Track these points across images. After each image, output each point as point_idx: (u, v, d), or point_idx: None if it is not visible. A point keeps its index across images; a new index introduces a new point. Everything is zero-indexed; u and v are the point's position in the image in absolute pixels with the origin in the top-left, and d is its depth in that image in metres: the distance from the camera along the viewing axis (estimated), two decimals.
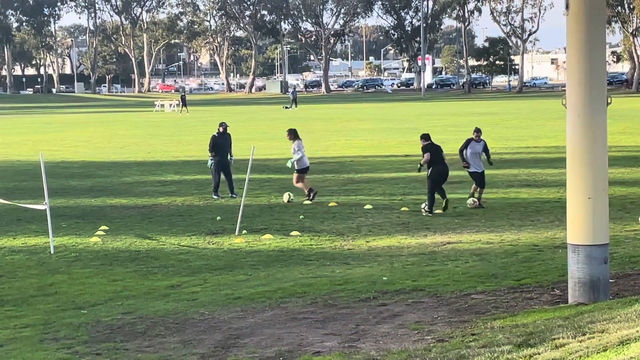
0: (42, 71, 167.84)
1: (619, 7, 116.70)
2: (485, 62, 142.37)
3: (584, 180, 11.37)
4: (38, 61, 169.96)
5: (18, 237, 18.77)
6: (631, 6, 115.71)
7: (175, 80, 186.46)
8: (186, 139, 45.85)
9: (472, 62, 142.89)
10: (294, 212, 21.35)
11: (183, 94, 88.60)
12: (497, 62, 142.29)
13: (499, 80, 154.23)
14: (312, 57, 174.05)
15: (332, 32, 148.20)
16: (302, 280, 14.02)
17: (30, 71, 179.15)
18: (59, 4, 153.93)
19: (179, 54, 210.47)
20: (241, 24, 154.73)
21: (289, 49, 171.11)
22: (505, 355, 8.24)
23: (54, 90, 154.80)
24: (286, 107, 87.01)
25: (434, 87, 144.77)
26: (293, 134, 23.41)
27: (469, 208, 21.01)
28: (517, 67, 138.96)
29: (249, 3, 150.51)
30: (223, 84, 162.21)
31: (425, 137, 21.09)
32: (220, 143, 23.97)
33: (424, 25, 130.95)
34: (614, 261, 13.62)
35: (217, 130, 24.26)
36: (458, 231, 18.23)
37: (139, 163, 34.15)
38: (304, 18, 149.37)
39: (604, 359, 6.85)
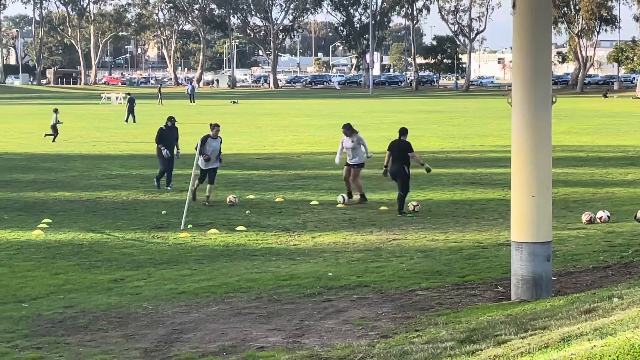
0: None
1: (565, 8, 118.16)
2: (433, 61, 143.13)
3: (528, 178, 11.48)
4: None
5: None
6: (577, 7, 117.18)
7: (122, 73, 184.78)
8: (132, 132, 45.46)
9: (420, 60, 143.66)
10: (239, 207, 21.28)
11: (159, 85, 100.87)
12: (445, 60, 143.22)
13: (447, 79, 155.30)
14: (260, 52, 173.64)
15: (281, 28, 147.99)
16: (247, 275, 13.98)
17: None
18: None
19: (126, 47, 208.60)
20: (190, 18, 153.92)
21: (237, 43, 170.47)
22: (448, 351, 8.27)
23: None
24: (234, 102, 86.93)
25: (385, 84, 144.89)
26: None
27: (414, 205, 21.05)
28: (464, 65, 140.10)
29: None
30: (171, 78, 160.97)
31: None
32: (167, 136, 24.53)
33: (373, 22, 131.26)
34: (556, 259, 13.78)
35: (165, 124, 24.65)
36: (403, 228, 18.29)
37: (84, 156, 33.79)
38: (253, 13, 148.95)
39: (545, 355, 6.90)
